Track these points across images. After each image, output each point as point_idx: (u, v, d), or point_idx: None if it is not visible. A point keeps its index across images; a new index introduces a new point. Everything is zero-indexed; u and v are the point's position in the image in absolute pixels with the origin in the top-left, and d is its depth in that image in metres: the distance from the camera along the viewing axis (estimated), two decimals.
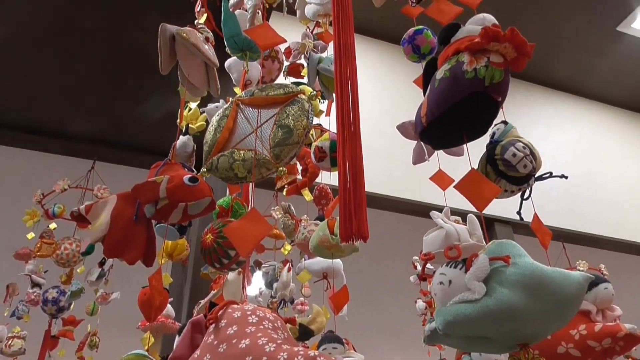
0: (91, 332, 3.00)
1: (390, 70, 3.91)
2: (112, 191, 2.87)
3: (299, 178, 2.12)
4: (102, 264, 2.82)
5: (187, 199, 1.15)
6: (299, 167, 2.10)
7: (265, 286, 2.53)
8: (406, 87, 2.01)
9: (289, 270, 2.28)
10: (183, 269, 3.07)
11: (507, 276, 0.84)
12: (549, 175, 1.25)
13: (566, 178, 1.26)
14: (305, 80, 1.98)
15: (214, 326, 0.98)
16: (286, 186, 2.15)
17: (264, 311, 1.01)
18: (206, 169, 1.25)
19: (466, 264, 0.89)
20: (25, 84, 3.76)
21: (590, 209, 4.23)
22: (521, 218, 1.26)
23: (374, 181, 3.03)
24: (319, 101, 2.00)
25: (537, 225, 1.22)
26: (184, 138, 1.89)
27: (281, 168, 1.17)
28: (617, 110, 4.92)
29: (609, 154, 4.68)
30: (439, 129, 1.06)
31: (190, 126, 1.98)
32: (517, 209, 1.28)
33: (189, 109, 2.00)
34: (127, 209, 1.19)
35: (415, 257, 2.88)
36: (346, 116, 1.00)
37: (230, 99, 1.36)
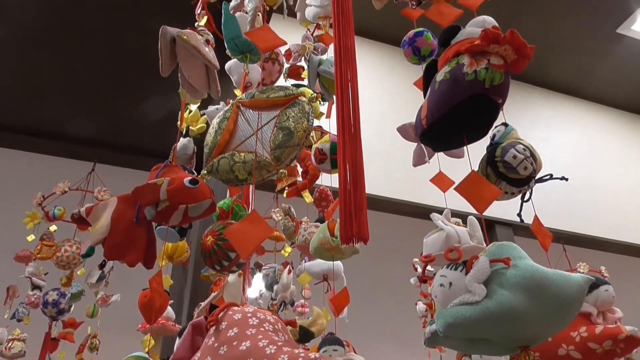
0: (91, 335, 3.00)
1: (391, 72, 3.91)
2: (113, 193, 2.88)
3: (299, 180, 2.12)
4: (102, 266, 2.82)
5: (187, 201, 1.15)
6: (300, 169, 2.10)
7: (265, 288, 2.53)
8: (406, 89, 2.02)
9: (289, 272, 2.28)
10: (183, 271, 3.07)
11: (507, 278, 0.84)
12: (549, 177, 1.25)
13: (566, 180, 1.26)
14: (305, 82, 1.99)
15: (214, 328, 0.98)
16: (286, 188, 2.15)
17: (264, 313, 1.01)
18: (207, 171, 1.25)
19: (466, 266, 0.89)
20: (25, 85, 3.76)
21: (590, 211, 4.23)
22: (522, 220, 1.26)
23: (374, 183, 3.03)
24: (320, 103, 2.00)
25: (538, 227, 1.22)
26: (184, 140, 1.90)
27: (282, 170, 1.17)
28: (617, 112, 4.92)
29: (609, 155, 4.68)
30: (439, 131, 1.06)
31: (190, 128, 1.99)
32: (518, 211, 1.28)
33: (190, 111, 2.01)
34: (127, 211, 1.18)
35: (416, 259, 2.88)
36: (346, 118, 1.00)
37: (231, 101, 1.36)
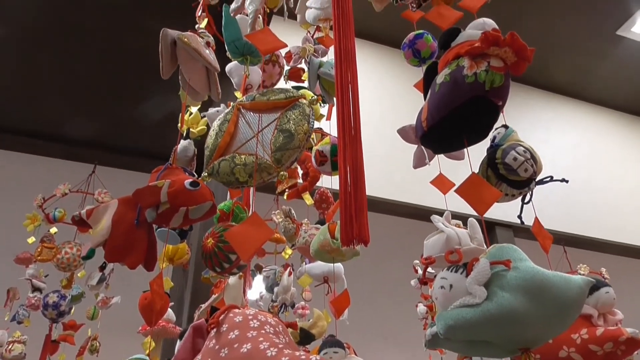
0: (92, 337, 3.00)
1: (391, 74, 3.92)
2: (113, 195, 2.88)
3: (299, 182, 2.12)
4: (102, 268, 2.82)
5: (188, 203, 1.15)
6: (300, 171, 2.10)
7: (266, 290, 2.53)
8: (406, 91, 2.02)
9: (289, 274, 2.28)
10: (184, 273, 3.07)
11: (508, 280, 0.84)
12: (549, 179, 1.25)
13: (567, 182, 1.26)
14: (306, 84, 1.99)
15: (215, 331, 0.98)
16: (287, 190, 2.15)
17: (265, 316, 1.01)
18: (207, 174, 1.25)
19: (467, 268, 0.89)
20: (25, 85, 3.76)
21: (590, 213, 4.23)
22: (522, 222, 1.26)
23: (374, 185, 3.03)
24: (320, 105, 2.01)
25: (538, 229, 1.22)
26: (184, 142, 1.90)
27: (282, 173, 1.17)
28: (617, 113, 4.92)
29: (609, 157, 4.69)
30: (439, 133, 1.06)
31: (191, 130, 1.99)
32: (518, 213, 1.28)
33: (190, 113, 2.01)
34: (128, 213, 1.18)
35: (416, 261, 2.88)
36: (347, 120, 1.00)
37: (232, 103, 1.36)
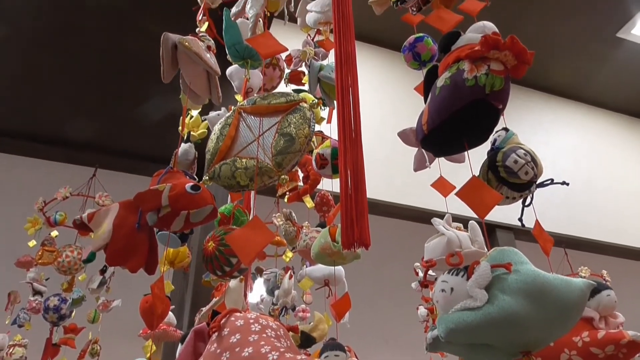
0: (92, 340, 3.00)
1: (391, 77, 3.92)
2: (114, 198, 2.88)
3: (300, 185, 2.12)
4: (103, 271, 2.82)
5: (189, 206, 1.15)
6: (301, 174, 2.10)
7: (266, 293, 2.53)
8: (407, 94, 2.02)
9: (290, 277, 2.28)
10: (184, 276, 3.07)
11: (509, 283, 0.84)
12: (550, 182, 1.25)
13: (567, 185, 1.27)
14: (306, 87, 1.99)
15: (216, 335, 0.98)
16: (288, 193, 2.15)
17: (266, 319, 1.01)
18: (208, 177, 1.25)
19: (468, 271, 0.89)
20: (25, 86, 3.76)
21: (591, 215, 4.23)
22: (523, 225, 1.26)
23: (375, 188, 3.04)
24: (320, 108, 2.01)
25: (539, 232, 1.22)
26: (185, 146, 1.90)
27: (283, 176, 1.17)
28: (617, 115, 4.93)
29: (609, 159, 4.69)
30: (440, 136, 1.07)
31: (191, 133, 1.99)
32: (519, 216, 1.28)
33: (191, 117, 2.01)
34: (129, 217, 1.19)
35: (417, 264, 2.88)
36: (347, 123, 1.00)
37: (233, 107, 1.36)
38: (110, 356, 3.15)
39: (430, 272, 2.55)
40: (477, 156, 1.17)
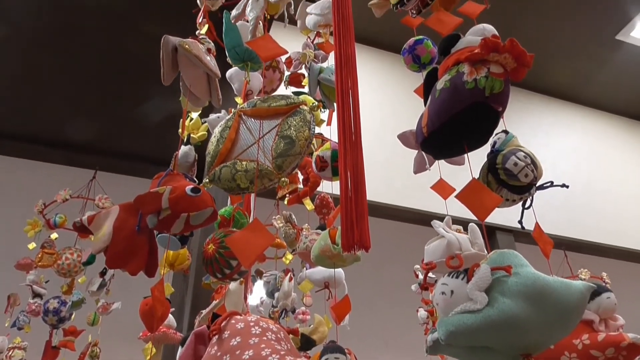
0: (92, 343, 2.99)
1: (391, 79, 3.93)
2: (114, 201, 2.88)
3: (300, 187, 2.12)
4: (103, 273, 2.82)
5: (189, 209, 1.15)
6: (300, 177, 2.10)
7: (266, 295, 2.53)
8: (407, 96, 2.02)
9: (290, 279, 2.28)
10: (184, 278, 3.07)
11: (509, 286, 0.84)
12: (550, 184, 1.25)
13: (567, 187, 1.26)
14: (306, 89, 1.99)
15: (217, 337, 0.98)
16: (287, 195, 2.15)
17: (267, 322, 1.01)
18: (209, 180, 1.25)
19: (468, 274, 0.89)
20: (25, 86, 3.76)
21: (591, 217, 4.23)
22: (523, 227, 1.26)
23: (375, 190, 3.04)
24: (320, 111, 2.01)
25: (539, 235, 1.22)
26: (185, 148, 1.90)
27: (283, 179, 1.17)
28: (616, 117, 4.94)
29: (609, 161, 4.69)
30: (439, 139, 1.07)
31: (191, 136, 1.99)
32: (519, 218, 1.28)
33: (191, 119, 2.01)
34: (129, 219, 1.19)
35: (417, 266, 2.88)
36: (347, 126, 1.00)
37: (233, 110, 1.37)
38: (110, 359, 3.14)
39: (430, 274, 2.54)
40: (477, 159, 1.17)
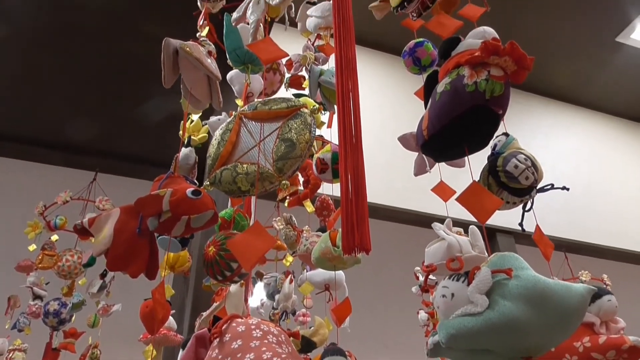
0: (92, 345, 2.99)
1: (392, 82, 3.93)
2: (114, 202, 2.89)
3: (300, 189, 2.13)
4: (103, 275, 2.82)
5: (190, 212, 1.16)
6: (301, 179, 2.10)
7: (267, 297, 2.53)
8: (407, 99, 2.02)
9: (290, 281, 2.28)
10: (185, 280, 3.07)
11: (509, 289, 0.84)
12: (550, 187, 1.26)
13: (567, 190, 1.27)
14: (306, 92, 2.00)
15: (218, 340, 0.98)
16: (288, 197, 2.16)
17: (268, 325, 1.01)
18: (209, 183, 1.25)
19: (468, 277, 0.89)
20: (25, 86, 3.76)
21: (591, 219, 4.23)
22: (523, 230, 1.26)
23: (375, 192, 3.04)
24: (321, 113, 2.01)
25: (539, 237, 1.22)
26: (186, 150, 1.90)
27: (284, 181, 1.17)
28: (617, 119, 4.94)
29: (609, 163, 4.69)
30: (440, 141, 1.07)
31: (192, 138, 1.99)
32: (519, 221, 1.28)
33: (191, 121, 2.01)
34: (130, 222, 1.19)
35: (417, 268, 2.88)
36: (348, 128, 1.00)
37: (234, 112, 1.37)
38: None
39: (430, 276, 2.54)
40: (477, 161, 1.17)
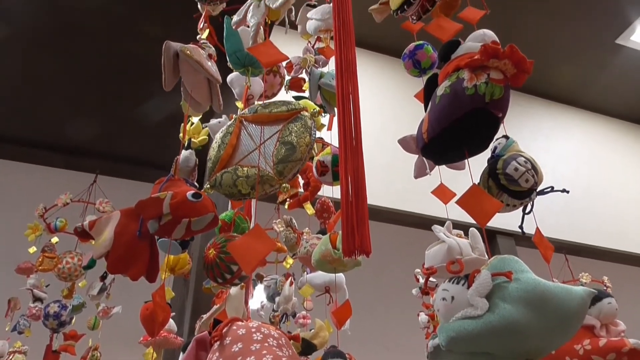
0: (92, 347, 2.99)
1: (392, 84, 3.93)
2: (114, 204, 2.89)
3: (300, 192, 2.13)
4: (103, 277, 2.82)
5: (190, 214, 1.16)
6: (301, 181, 2.10)
7: (267, 300, 2.53)
8: (407, 101, 2.03)
9: (291, 284, 2.28)
10: (185, 283, 3.07)
11: (509, 292, 0.84)
12: (550, 189, 1.26)
13: (567, 192, 1.27)
14: (306, 94, 2.00)
15: (218, 343, 0.98)
16: (288, 200, 2.16)
17: (268, 328, 1.01)
18: (210, 186, 1.25)
19: (468, 280, 0.89)
20: (25, 87, 3.76)
21: (592, 221, 4.23)
22: (523, 233, 1.26)
23: (375, 194, 3.04)
24: (321, 115, 2.02)
25: (539, 239, 1.22)
26: (186, 153, 1.90)
27: (284, 185, 1.17)
28: (617, 121, 4.94)
29: (609, 165, 4.69)
30: (440, 144, 1.07)
31: (192, 140, 1.99)
32: (519, 223, 1.28)
33: (192, 123, 2.02)
34: (130, 224, 1.19)
35: (418, 270, 2.87)
36: (348, 131, 1.01)
37: (234, 115, 1.37)
38: None
39: (431, 279, 2.54)
40: (477, 163, 1.17)
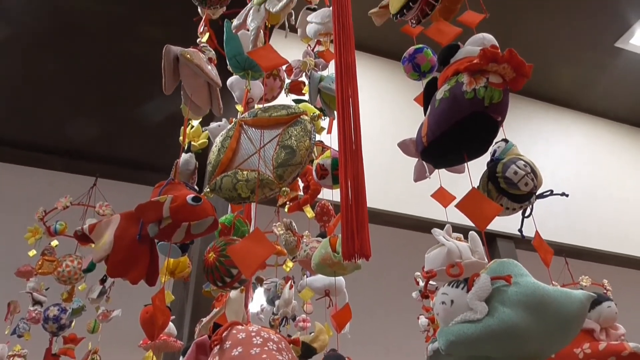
0: (92, 350, 2.98)
1: (391, 87, 3.94)
2: (114, 208, 2.89)
3: (300, 195, 2.13)
4: (103, 281, 2.82)
5: (190, 218, 1.16)
6: (301, 184, 2.11)
7: (267, 303, 2.52)
8: (407, 104, 2.03)
9: (291, 287, 2.28)
10: (185, 286, 3.06)
11: (509, 296, 0.85)
12: (550, 193, 1.26)
13: (567, 196, 1.27)
14: (306, 97, 2.00)
15: (218, 347, 0.98)
16: (288, 203, 2.16)
17: (268, 332, 1.01)
18: (210, 189, 1.26)
19: (468, 283, 0.89)
20: (25, 88, 3.76)
21: (591, 224, 4.23)
22: (523, 236, 1.26)
23: (375, 197, 3.04)
24: (321, 119, 2.02)
25: (539, 243, 1.22)
26: (186, 156, 1.90)
27: (284, 188, 1.18)
28: (617, 124, 4.94)
29: (609, 168, 4.69)
30: (439, 148, 1.07)
31: (192, 144, 2.00)
32: (519, 227, 1.28)
33: (191, 127, 2.02)
34: (130, 228, 1.19)
35: (417, 273, 2.87)
36: (348, 134, 1.01)
37: (234, 119, 1.37)
38: None
39: (431, 282, 2.54)
40: (477, 167, 1.17)
